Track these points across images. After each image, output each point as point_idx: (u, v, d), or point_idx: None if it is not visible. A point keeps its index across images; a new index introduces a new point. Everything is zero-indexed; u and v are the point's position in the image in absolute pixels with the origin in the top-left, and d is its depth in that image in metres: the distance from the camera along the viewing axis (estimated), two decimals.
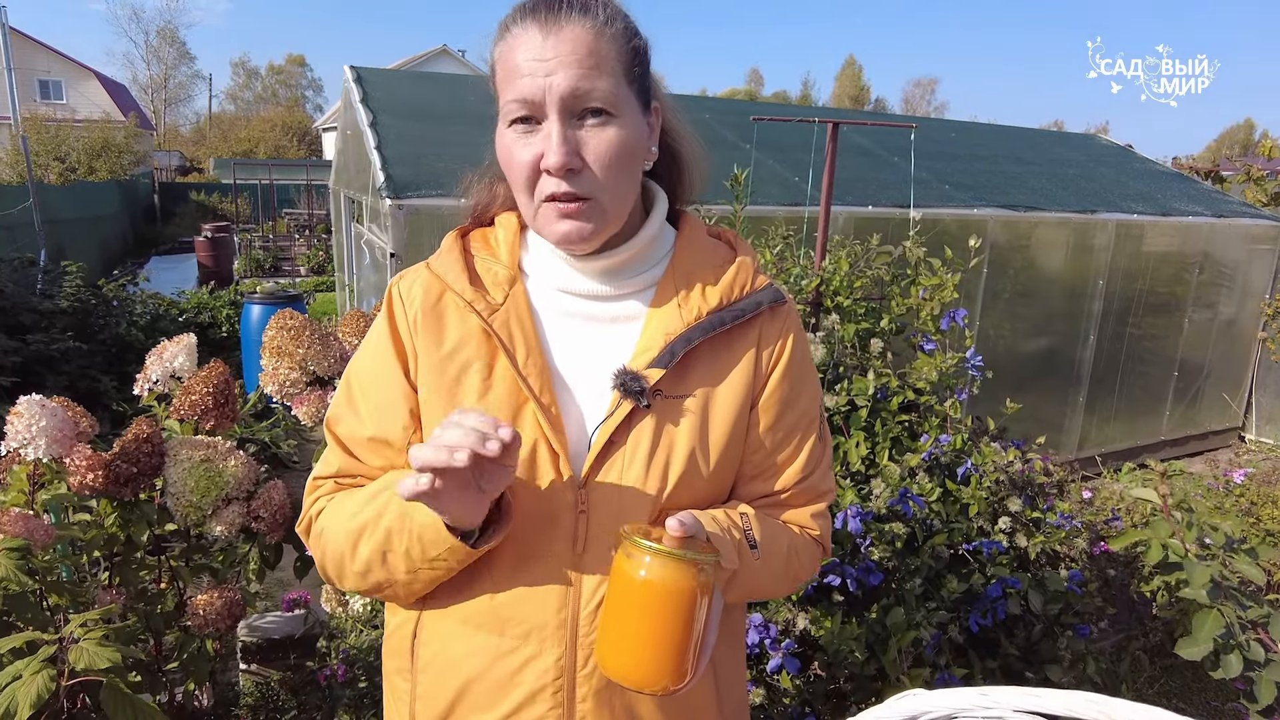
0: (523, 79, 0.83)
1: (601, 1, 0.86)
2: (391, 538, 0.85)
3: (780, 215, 3.85)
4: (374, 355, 0.95)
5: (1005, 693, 0.72)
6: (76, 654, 1.31)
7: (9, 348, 4.86)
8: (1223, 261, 5.75)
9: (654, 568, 0.75)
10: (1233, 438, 6.28)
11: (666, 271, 0.95)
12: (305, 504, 0.99)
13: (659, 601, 0.75)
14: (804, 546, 0.98)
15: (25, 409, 1.58)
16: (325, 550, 0.93)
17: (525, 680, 0.88)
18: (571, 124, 0.84)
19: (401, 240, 3.42)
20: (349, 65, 4.95)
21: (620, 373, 0.88)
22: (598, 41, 0.83)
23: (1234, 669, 1.70)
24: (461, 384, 0.90)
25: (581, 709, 0.88)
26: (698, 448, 0.90)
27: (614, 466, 0.88)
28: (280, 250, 14.94)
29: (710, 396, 0.92)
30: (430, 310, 0.93)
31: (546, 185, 0.85)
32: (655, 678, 0.77)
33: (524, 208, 0.90)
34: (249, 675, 2.39)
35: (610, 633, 0.78)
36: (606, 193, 0.86)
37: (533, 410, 0.87)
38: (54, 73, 33.79)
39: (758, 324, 0.96)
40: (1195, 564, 1.77)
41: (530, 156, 0.84)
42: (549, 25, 0.83)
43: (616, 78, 0.85)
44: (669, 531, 0.77)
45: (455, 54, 31.64)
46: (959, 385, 2.56)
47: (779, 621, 1.97)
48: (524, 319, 0.91)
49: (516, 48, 0.84)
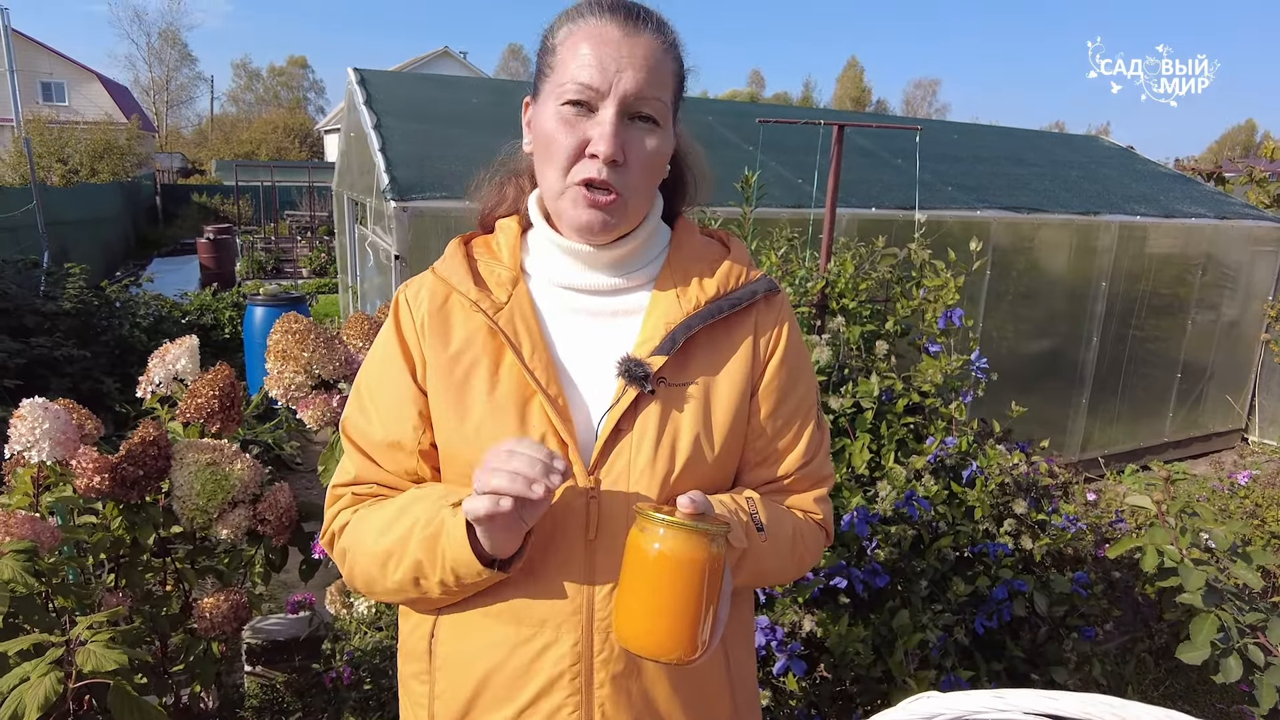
0: (591, 66, 0.87)
1: (670, 27, 0.93)
2: (423, 567, 0.88)
3: (784, 217, 3.84)
4: (382, 361, 0.98)
5: (1020, 695, 0.71)
6: (84, 656, 1.31)
7: (12, 350, 4.86)
8: (1225, 263, 5.74)
9: (667, 539, 0.79)
10: (1236, 440, 6.27)
11: (664, 266, 0.99)
12: (326, 515, 1.01)
13: (672, 571, 0.79)
14: (808, 530, 1.01)
15: (29, 412, 1.58)
16: (353, 570, 0.96)
17: (543, 668, 0.89)
18: (624, 121, 0.88)
19: (406, 242, 3.42)
20: (352, 68, 4.95)
21: (624, 360, 0.91)
22: (664, 59, 0.90)
23: (1234, 673, 1.70)
24: (470, 381, 0.92)
25: (599, 694, 0.89)
26: (702, 432, 0.92)
27: (622, 453, 0.90)
28: (282, 252, 14.95)
29: (712, 382, 0.95)
30: (436, 313, 0.96)
31: (586, 169, 0.89)
32: (670, 646, 0.80)
33: (549, 186, 0.93)
34: (254, 677, 2.39)
35: (626, 603, 0.81)
36: (636, 194, 0.91)
37: (540, 402, 0.90)
38: (56, 75, 33.86)
39: (754, 312, 0.99)
40: (1191, 569, 1.77)
41: (576, 139, 0.88)
42: (629, 27, 0.88)
43: (668, 95, 0.91)
44: (680, 508, 0.81)
45: (457, 56, 31.71)
46: (964, 388, 2.55)
47: (785, 624, 1.97)
48: (528, 315, 0.94)
49: (590, 35, 0.88)
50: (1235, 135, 59.89)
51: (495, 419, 0.90)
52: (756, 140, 4.76)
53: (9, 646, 1.33)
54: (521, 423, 0.90)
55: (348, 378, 1.86)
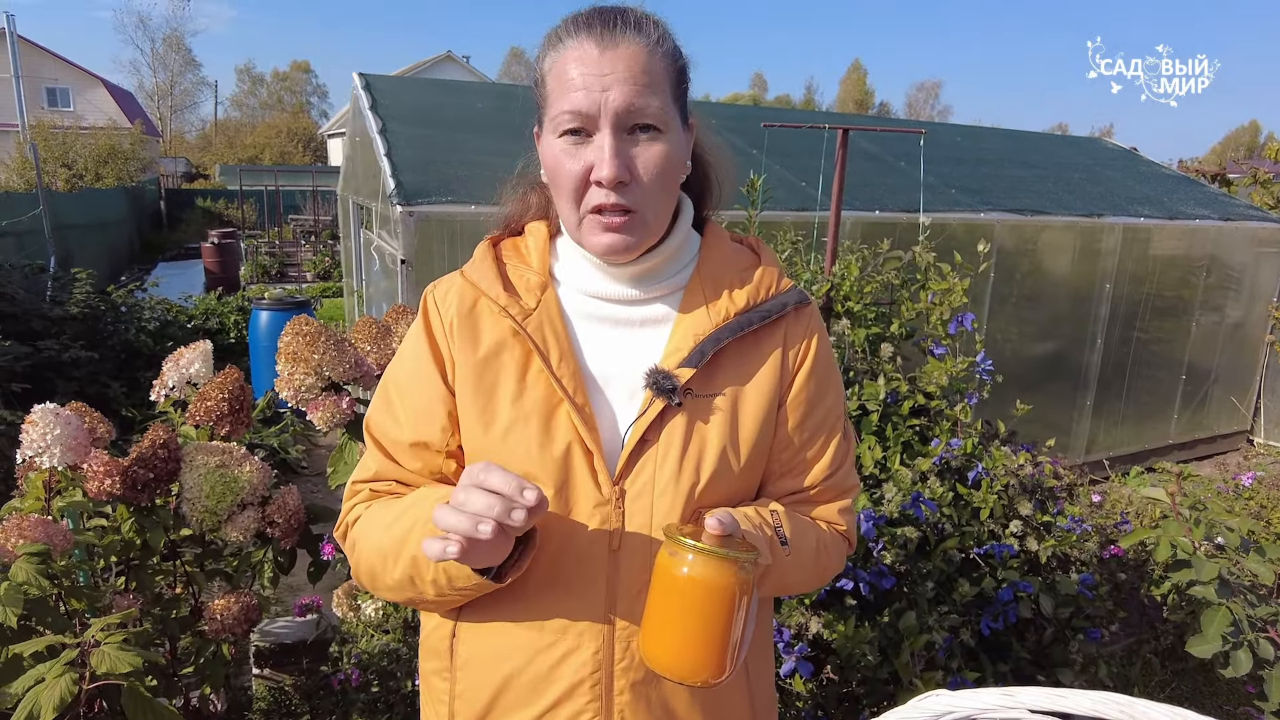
0: (577, 92, 0.85)
1: (652, 22, 0.89)
2: (418, 565, 0.88)
3: (789, 220, 3.85)
4: (412, 360, 0.98)
5: (1029, 693, 0.72)
6: (98, 658, 1.32)
7: (20, 354, 4.88)
8: (1230, 265, 5.74)
9: (696, 565, 0.78)
10: (1241, 441, 6.26)
11: (693, 276, 0.97)
12: (344, 509, 1.01)
13: (701, 598, 0.78)
14: (831, 542, 1.01)
15: (40, 418, 1.60)
16: (359, 562, 0.96)
17: (564, 674, 0.90)
18: (623, 138, 0.86)
19: (412, 246, 3.43)
20: (358, 73, 4.97)
21: (652, 372, 0.91)
22: (650, 60, 0.86)
23: (1244, 666, 1.71)
24: (497, 387, 0.92)
25: (619, 701, 0.90)
26: (728, 445, 0.92)
27: (647, 464, 0.90)
28: (286, 256, 14.97)
29: (739, 395, 0.94)
30: (465, 316, 0.95)
31: (595, 196, 0.88)
32: (696, 670, 0.79)
33: (567, 216, 0.92)
34: (262, 680, 2.40)
35: (653, 627, 0.81)
36: (651, 206, 0.89)
37: (567, 411, 0.90)
38: (61, 80, 34.00)
39: (783, 325, 0.98)
40: (1204, 561, 1.78)
41: (580, 168, 0.87)
42: (605, 41, 0.86)
43: (665, 95, 0.88)
44: (708, 530, 0.80)
45: (460, 59, 31.78)
46: (969, 390, 2.56)
47: (792, 625, 1.97)
48: (556, 322, 0.94)
49: (570, 61, 0.86)
50: (1239, 136, 59.78)
51: (522, 426, 0.90)
52: (760, 144, 4.77)
53: (24, 648, 1.34)
54: (547, 430, 0.90)
55: (357, 380, 1.87)
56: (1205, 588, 1.73)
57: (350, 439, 1.88)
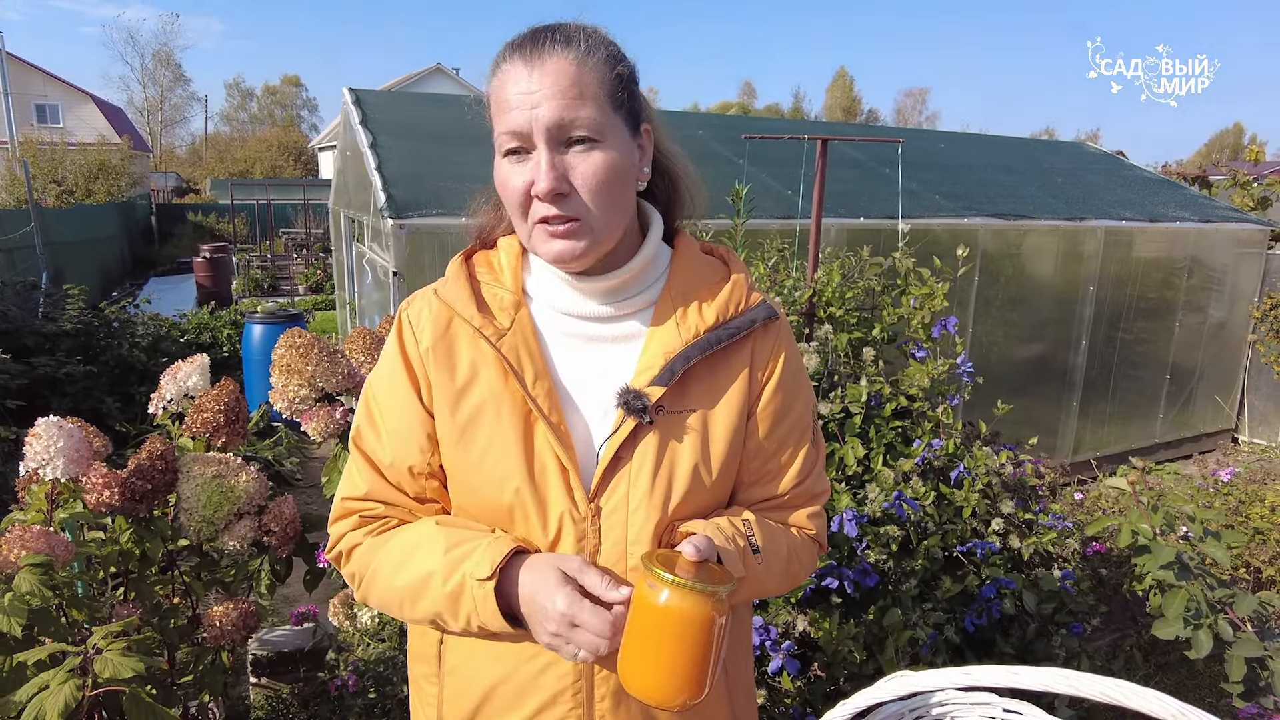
0: (512, 112, 0.88)
1: (584, 33, 0.90)
2: (444, 616, 0.91)
3: (774, 228, 3.91)
4: (389, 381, 1.00)
5: (985, 671, 0.77)
6: (101, 664, 1.35)
7: (15, 370, 4.90)
8: (1211, 266, 5.82)
9: (674, 598, 0.80)
10: (1226, 440, 6.33)
11: (664, 291, 0.99)
12: (333, 531, 1.03)
13: (679, 629, 0.80)
14: (802, 546, 1.04)
15: (44, 431, 1.63)
16: (367, 596, 0.99)
17: (546, 683, 0.94)
18: (559, 151, 0.88)
19: (403, 259, 3.48)
20: (348, 88, 5.02)
21: (624, 391, 0.93)
22: (580, 71, 0.88)
23: (1204, 647, 1.78)
24: (474, 409, 0.95)
25: (600, 708, 0.94)
26: (700, 461, 0.95)
27: (621, 482, 0.93)
28: (278, 269, 15.00)
29: (709, 411, 0.97)
30: (440, 339, 0.97)
31: (538, 209, 0.90)
32: (675, 695, 0.83)
33: (520, 231, 0.95)
34: (259, 689, 2.43)
35: (632, 655, 0.83)
36: (594, 214, 0.90)
37: (543, 429, 0.92)
38: (51, 97, 33.92)
39: (751, 340, 1.01)
40: (1161, 545, 1.86)
41: (522, 184, 0.89)
42: (533, 59, 0.88)
43: (600, 105, 0.89)
44: (685, 557, 0.84)
45: (449, 72, 31.83)
46: (951, 391, 2.61)
47: (779, 624, 2.02)
48: (531, 342, 0.96)
49: (506, 83, 0.89)
50: (1224, 139, 60.26)
51: (500, 446, 0.93)
52: (746, 153, 4.84)
53: (28, 656, 1.38)
54: (524, 449, 0.92)
55: (350, 390, 1.91)
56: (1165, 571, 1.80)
57: (344, 449, 1.92)
